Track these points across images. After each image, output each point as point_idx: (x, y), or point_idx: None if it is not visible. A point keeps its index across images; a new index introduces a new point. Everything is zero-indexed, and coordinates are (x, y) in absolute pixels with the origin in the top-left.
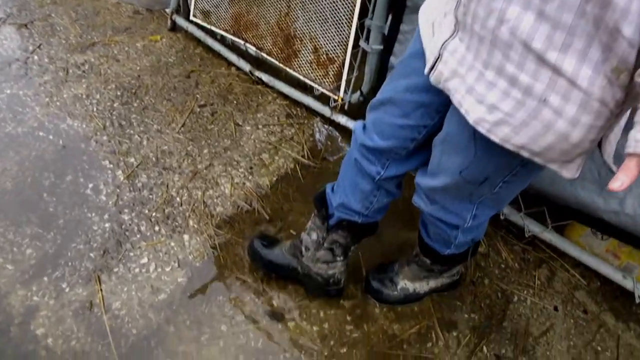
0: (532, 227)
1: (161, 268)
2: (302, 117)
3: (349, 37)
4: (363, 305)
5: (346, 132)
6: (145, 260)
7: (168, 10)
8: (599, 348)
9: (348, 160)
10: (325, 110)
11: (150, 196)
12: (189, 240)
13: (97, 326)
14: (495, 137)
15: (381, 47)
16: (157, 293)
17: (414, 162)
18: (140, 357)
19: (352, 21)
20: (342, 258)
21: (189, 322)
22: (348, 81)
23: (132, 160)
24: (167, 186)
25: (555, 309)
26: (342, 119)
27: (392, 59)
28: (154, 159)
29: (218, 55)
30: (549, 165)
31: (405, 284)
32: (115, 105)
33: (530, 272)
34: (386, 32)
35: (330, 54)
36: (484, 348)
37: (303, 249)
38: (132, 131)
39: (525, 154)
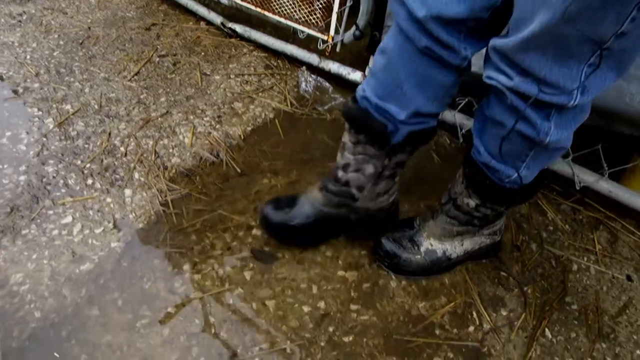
0: (584, 176)
1: (89, 230)
2: (285, 68)
3: None
4: (373, 277)
5: (339, 82)
6: (68, 219)
7: None
8: None
9: (406, 54)
10: (313, 58)
11: (86, 145)
12: (132, 196)
13: None
14: None
15: None
16: (79, 262)
17: (492, 36)
18: (42, 353)
19: None
20: (398, 177)
21: (121, 301)
22: (340, 16)
23: (68, 107)
24: (110, 134)
25: (629, 278)
26: (334, 66)
27: None
28: (96, 106)
29: (185, 10)
30: None
31: (432, 245)
32: (55, 54)
33: (586, 235)
34: None
35: None
36: (547, 332)
37: (354, 191)
38: (72, 79)
39: None
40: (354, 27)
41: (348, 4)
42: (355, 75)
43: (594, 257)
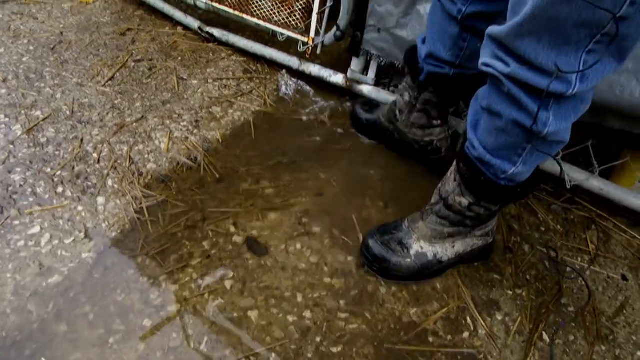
0: (574, 175)
1: (59, 240)
2: (264, 72)
3: None
4: (361, 283)
5: (320, 85)
6: (36, 229)
7: None
8: None
9: (434, 3)
10: (293, 62)
11: (57, 152)
12: (105, 204)
13: None
14: None
15: None
16: (46, 275)
17: (495, 4)
18: None
19: None
20: (439, 122)
21: (92, 316)
22: (320, 17)
23: (38, 113)
24: (82, 141)
25: (624, 278)
26: (314, 69)
27: None
28: (67, 112)
29: (162, 15)
30: None
31: (422, 247)
32: (24, 59)
33: (578, 235)
34: None
35: None
36: (544, 335)
37: (397, 112)
38: (42, 84)
39: None
40: (334, 28)
41: (328, 4)
42: (336, 78)
43: (587, 257)
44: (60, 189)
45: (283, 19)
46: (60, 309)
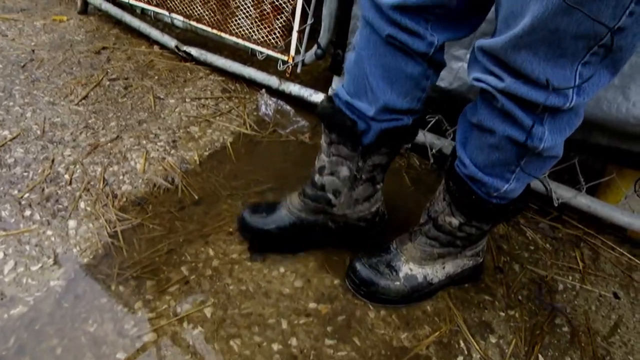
0: (561, 192)
1: (24, 267)
2: (243, 92)
3: None
4: (349, 307)
5: (300, 105)
6: None
7: None
8: None
9: (371, 44)
10: (272, 81)
11: (25, 173)
12: (76, 228)
13: None
14: None
15: None
16: (9, 306)
17: (465, 27)
18: None
19: None
20: (381, 184)
21: (60, 349)
22: (300, 35)
23: (6, 133)
24: (53, 161)
25: (616, 295)
26: (295, 88)
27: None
28: (38, 131)
29: (138, 34)
30: None
31: (411, 270)
32: None
33: (568, 253)
34: None
35: (277, 1)
36: (540, 357)
37: (331, 196)
38: (11, 103)
39: None
40: (315, 46)
41: (309, 22)
42: (317, 97)
43: (578, 275)
44: (27, 212)
45: (262, 37)
46: (24, 342)
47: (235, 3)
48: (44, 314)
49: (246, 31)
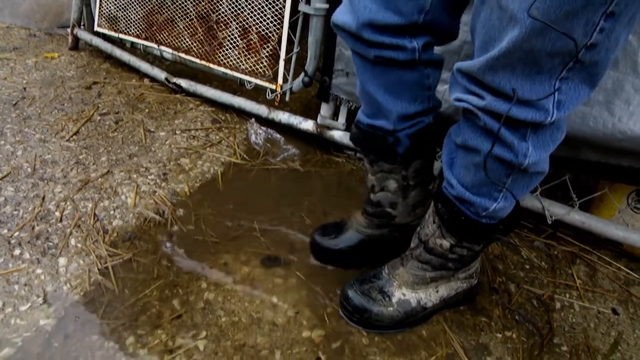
0: (555, 209)
1: (12, 307)
2: (233, 122)
3: (284, 2)
4: (343, 334)
5: (290, 132)
6: None
7: (69, 29)
8: None
9: (364, 68)
10: (262, 110)
11: (15, 212)
12: (67, 265)
13: None
14: None
15: (327, 5)
16: None
17: (443, 32)
18: None
19: None
20: (433, 184)
21: None
22: (287, 64)
23: None
24: (43, 199)
25: (615, 312)
26: (284, 116)
27: None
28: (29, 169)
29: (128, 67)
30: None
31: (404, 295)
32: None
33: (564, 271)
34: None
35: (264, 30)
36: None
37: (389, 209)
38: (2, 142)
39: None
40: (302, 74)
41: (295, 50)
42: (306, 125)
43: (576, 292)
44: (17, 251)
45: (250, 66)
46: None
47: (223, 34)
48: (32, 355)
49: (234, 61)
